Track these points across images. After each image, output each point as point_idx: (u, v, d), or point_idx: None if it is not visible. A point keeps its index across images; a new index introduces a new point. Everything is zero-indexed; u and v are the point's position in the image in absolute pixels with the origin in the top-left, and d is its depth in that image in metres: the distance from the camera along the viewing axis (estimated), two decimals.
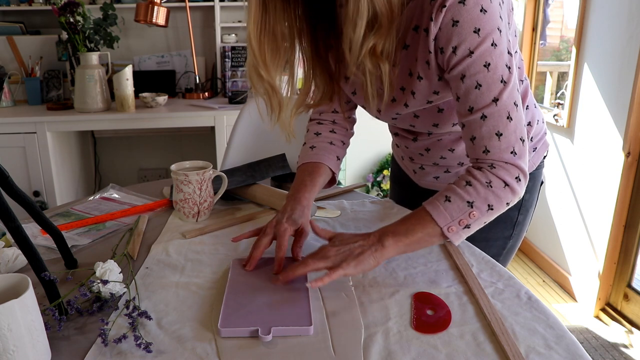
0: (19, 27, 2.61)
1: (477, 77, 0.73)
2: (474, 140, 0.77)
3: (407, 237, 0.75)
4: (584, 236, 2.33)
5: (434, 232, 0.75)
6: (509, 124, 0.74)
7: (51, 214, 1.12)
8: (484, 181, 0.75)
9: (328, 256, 0.75)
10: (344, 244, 0.77)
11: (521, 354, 0.62)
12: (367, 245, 0.76)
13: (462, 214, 0.74)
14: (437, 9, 0.72)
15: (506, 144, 0.75)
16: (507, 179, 0.75)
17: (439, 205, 0.75)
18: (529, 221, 1.10)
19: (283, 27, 0.83)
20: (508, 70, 0.74)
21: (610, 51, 2.11)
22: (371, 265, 0.75)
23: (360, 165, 3.21)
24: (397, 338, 0.66)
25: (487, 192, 0.74)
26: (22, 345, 0.57)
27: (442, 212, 0.75)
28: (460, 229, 0.75)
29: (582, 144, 2.33)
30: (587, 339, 2.11)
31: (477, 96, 0.74)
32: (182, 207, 1.04)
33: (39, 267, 0.68)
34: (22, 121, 2.25)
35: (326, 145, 1.01)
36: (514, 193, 0.76)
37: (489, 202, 0.75)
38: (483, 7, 0.71)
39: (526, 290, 0.77)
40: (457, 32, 0.72)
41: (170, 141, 2.99)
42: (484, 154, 0.76)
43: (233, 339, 0.66)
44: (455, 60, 0.74)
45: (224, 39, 2.72)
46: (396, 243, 0.75)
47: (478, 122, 0.75)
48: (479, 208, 0.74)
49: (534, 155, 1.02)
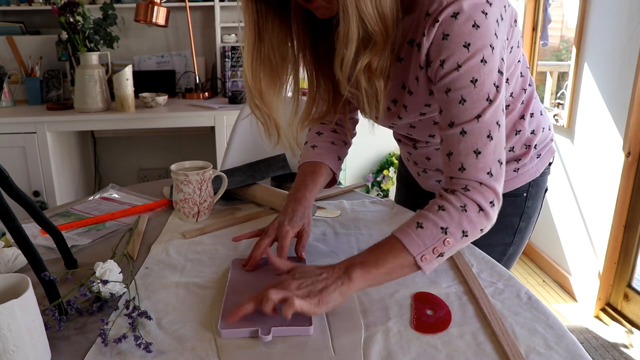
0: (19, 27, 2.61)
1: (462, 92, 0.72)
2: (451, 156, 0.74)
3: (377, 268, 0.69)
4: (584, 236, 2.33)
5: (405, 261, 0.70)
6: (489, 143, 0.72)
7: (51, 214, 1.12)
8: (458, 205, 0.71)
9: (289, 289, 0.67)
10: (307, 277, 0.70)
11: (521, 354, 0.62)
12: (331, 279, 0.68)
13: (436, 241, 0.70)
14: (430, 24, 0.72)
15: (483, 164, 0.72)
16: (481, 202, 0.71)
17: (410, 232, 0.70)
18: (532, 228, 1.08)
19: (282, 51, 0.82)
20: (496, 89, 0.72)
21: (611, 51, 2.11)
22: (337, 301, 0.67)
23: (360, 165, 3.21)
24: (397, 338, 0.66)
25: (462, 216, 0.70)
26: (22, 345, 0.57)
27: (415, 240, 0.70)
28: (434, 257, 0.70)
29: (582, 144, 2.33)
30: (587, 339, 2.11)
31: (459, 111, 0.72)
32: (182, 207, 1.04)
33: (39, 267, 0.68)
34: (22, 121, 2.25)
35: (328, 145, 1.01)
36: (487, 219, 0.72)
37: (464, 228, 0.71)
38: (476, 23, 0.69)
39: (526, 290, 0.77)
40: (447, 45, 0.71)
41: (170, 141, 2.98)
42: (460, 171, 0.73)
43: (233, 339, 0.66)
44: (442, 73, 0.73)
45: (224, 39, 2.72)
46: (364, 275, 0.69)
47: (457, 137, 0.73)
48: (453, 235, 0.70)
49: (537, 162, 1.00)
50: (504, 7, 0.75)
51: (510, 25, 0.80)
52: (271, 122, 0.86)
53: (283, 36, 0.82)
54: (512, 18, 0.81)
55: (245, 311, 0.67)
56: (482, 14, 0.70)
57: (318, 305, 0.66)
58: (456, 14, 0.69)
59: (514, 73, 0.88)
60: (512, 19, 0.80)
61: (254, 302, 0.67)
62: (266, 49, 0.81)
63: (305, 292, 0.67)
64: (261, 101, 0.83)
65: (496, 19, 0.72)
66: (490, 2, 0.71)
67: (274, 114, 0.85)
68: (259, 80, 0.82)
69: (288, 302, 0.64)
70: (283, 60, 0.83)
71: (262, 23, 0.79)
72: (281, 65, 0.83)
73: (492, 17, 0.71)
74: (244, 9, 0.78)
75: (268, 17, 0.79)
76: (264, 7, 0.79)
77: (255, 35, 0.80)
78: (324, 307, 0.66)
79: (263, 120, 0.86)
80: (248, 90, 0.83)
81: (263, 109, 0.84)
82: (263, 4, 0.78)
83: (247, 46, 0.80)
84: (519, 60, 0.88)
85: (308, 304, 0.65)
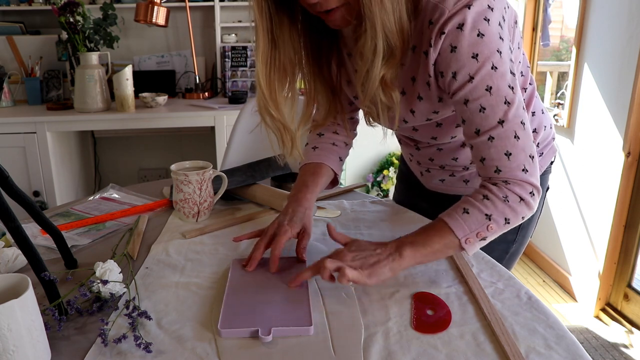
0: (19, 27, 2.61)
1: (480, 101, 0.74)
2: (484, 162, 0.77)
3: (425, 248, 0.74)
4: (584, 236, 2.33)
5: (452, 243, 0.75)
6: (517, 143, 0.75)
7: (51, 214, 1.12)
8: (500, 196, 0.75)
9: (344, 259, 0.73)
10: (361, 250, 0.75)
11: (521, 354, 0.62)
12: (384, 255, 0.74)
13: (480, 226, 0.74)
14: (437, 35, 0.73)
15: (516, 163, 0.75)
16: (522, 194, 0.75)
17: (457, 217, 0.75)
18: (534, 226, 1.09)
19: (292, 57, 0.83)
20: (512, 91, 0.74)
21: (610, 51, 2.10)
22: (386, 275, 0.73)
23: (360, 165, 3.21)
24: (397, 338, 0.66)
25: (504, 206, 0.75)
26: (22, 345, 0.57)
27: (461, 224, 0.74)
28: (477, 240, 0.75)
29: (582, 144, 2.33)
30: (587, 339, 2.11)
31: (482, 119, 0.75)
32: (182, 207, 1.04)
33: (39, 267, 0.68)
34: (22, 121, 2.24)
35: (328, 146, 1.01)
36: (529, 207, 0.76)
37: (506, 216, 0.75)
38: (480, 32, 0.70)
39: (526, 290, 0.77)
40: (456, 58, 0.72)
41: (170, 141, 2.98)
42: (496, 173, 0.76)
43: (233, 339, 0.66)
44: (456, 86, 0.75)
45: (224, 39, 2.72)
46: (414, 253, 0.74)
47: (486, 143, 0.76)
48: (496, 221, 0.75)
49: (539, 160, 1.01)
50: (504, 9, 0.75)
51: (511, 26, 0.80)
52: (286, 132, 0.86)
53: (295, 42, 0.83)
54: (513, 19, 0.81)
55: (306, 277, 0.74)
56: (485, 21, 0.70)
57: (369, 277, 0.71)
58: (461, 25, 0.70)
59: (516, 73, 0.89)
60: (512, 20, 0.81)
61: (312, 271, 0.73)
62: (281, 57, 0.82)
63: (358, 264, 0.72)
64: (277, 110, 0.84)
65: (498, 22, 0.72)
66: (492, 6, 0.71)
67: (287, 122, 0.86)
68: (274, 90, 0.83)
69: (341, 272, 0.69)
70: (293, 67, 0.84)
71: (276, 31, 0.80)
72: (291, 72, 0.84)
73: (494, 22, 0.71)
74: (258, 17, 0.78)
75: (282, 26, 0.80)
76: (277, 15, 0.79)
77: (271, 43, 0.80)
78: (374, 279, 0.72)
79: (277, 129, 0.86)
80: (262, 99, 0.83)
81: (277, 118, 0.84)
82: (276, 12, 0.79)
83: (261, 55, 0.80)
84: (519, 61, 0.88)
85: (359, 275, 0.70)
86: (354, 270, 0.70)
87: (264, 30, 0.79)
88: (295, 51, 0.83)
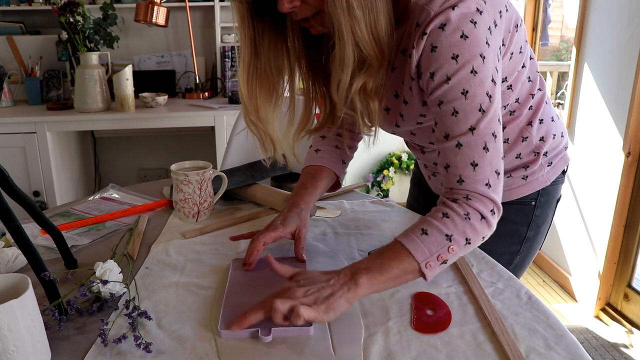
0: (19, 27, 2.61)
1: (454, 104, 0.71)
2: (448, 169, 0.74)
3: (382, 274, 0.69)
4: (584, 236, 2.33)
5: (410, 267, 0.69)
6: (485, 155, 0.71)
7: (51, 214, 1.12)
8: (462, 213, 0.71)
9: (295, 297, 0.66)
10: (312, 283, 0.69)
11: (521, 354, 0.62)
12: (337, 285, 0.68)
13: (441, 248, 0.69)
14: (419, 36, 0.72)
15: (481, 176, 0.72)
16: (483, 211, 0.71)
17: (415, 238, 0.70)
18: (543, 239, 1.06)
19: (278, 64, 0.82)
20: (489, 99, 0.71)
21: (611, 51, 2.11)
22: (344, 307, 0.67)
23: (360, 165, 3.21)
24: (397, 338, 0.66)
25: (465, 224, 0.70)
26: (22, 345, 0.57)
27: (420, 246, 0.69)
28: (438, 264, 0.70)
29: (582, 144, 2.33)
30: (587, 339, 2.11)
31: (453, 123, 0.72)
32: (182, 207, 1.04)
33: (39, 267, 0.68)
34: (22, 121, 2.24)
35: (331, 149, 1.00)
36: (489, 226, 0.72)
37: (467, 236, 0.70)
38: (464, 33, 0.69)
39: (526, 290, 0.77)
40: (435, 57, 0.71)
41: (170, 141, 2.98)
42: (458, 183, 0.73)
43: (233, 339, 0.65)
44: (432, 86, 0.73)
45: (224, 39, 2.72)
46: (370, 280, 0.68)
47: (453, 149, 0.72)
48: (457, 242, 0.70)
49: (548, 171, 0.98)
50: (499, 13, 0.73)
51: (509, 30, 0.78)
52: (267, 138, 0.86)
53: (279, 49, 0.82)
54: (512, 23, 0.79)
55: (253, 320, 0.65)
56: (470, 23, 0.69)
57: (326, 313, 0.65)
58: (443, 25, 0.69)
59: (518, 78, 0.86)
60: (511, 24, 0.79)
61: (262, 310, 0.66)
62: (262, 65, 0.81)
63: (312, 300, 0.66)
64: (257, 117, 0.83)
65: (488, 26, 0.70)
66: (481, 10, 0.69)
67: (269, 129, 0.85)
68: (254, 97, 0.82)
69: (295, 312, 0.63)
70: (279, 73, 0.83)
71: (258, 39, 0.79)
72: (277, 78, 0.83)
73: (482, 26, 0.69)
74: (240, 26, 0.78)
75: (264, 33, 0.80)
76: (260, 24, 0.79)
77: (252, 51, 0.80)
78: (332, 314, 0.65)
79: (259, 135, 0.86)
80: (244, 107, 0.83)
81: (258, 125, 0.84)
82: (259, 20, 0.78)
83: (243, 63, 0.80)
84: (523, 66, 0.86)
85: (315, 312, 0.64)
86: (309, 307, 0.64)
87: (245, 37, 0.79)
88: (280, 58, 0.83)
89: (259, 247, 0.84)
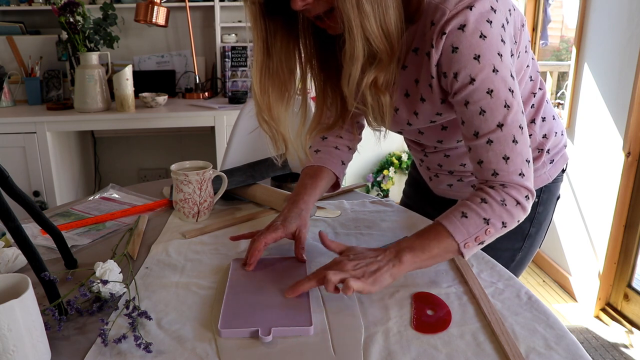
0: (19, 27, 2.61)
1: (480, 104, 0.74)
2: (482, 164, 0.77)
3: (424, 253, 0.74)
4: (584, 236, 2.33)
5: (450, 247, 0.74)
6: (515, 147, 0.75)
7: (51, 214, 1.12)
8: (498, 199, 0.75)
9: (345, 270, 0.72)
10: (361, 258, 0.74)
11: (521, 354, 0.62)
12: (384, 261, 0.73)
13: (479, 230, 0.74)
14: (438, 36, 0.73)
15: (514, 167, 0.75)
16: (519, 198, 0.76)
17: (455, 221, 0.75)
18: (543, 235, 1.08)
19: (290, 65, 0.84)
20: (511, 94, 0.74)
21: (611, 51, 2.11)
22: (388, 282, 0.72)
23: (360, 165, 3.21)
24: (397, 338, 0.66)
25: (502, 209, 0.75)
26: (22, 345, 0.57)
27: (459, 228, 0.74)
28: (475, 245, 0.75)
29: (582, 144, 2.33)
30: (587, 339, 2.11)
31: (481, 122, 0.75)
32: (182, 207, 1.04)
33: (39, 267, 0.68)
34: (22, 121, 2.24)
35: (331, 150, 1.01)
36: (524, 211, 0.77)
37: (504, 220, 0.75)
38: (483, 33, 0.70)
39: (526, 290, 0.77)
40: (457, 59, 0.72)
41: (170, 141, 2.98)
42: (493, 176, 0.76)
43: (233, 339, 0.66)
44: (457, 87, 0.75)
45: (224, 39, 2.72)
46: (413, 258, 0.74)
47: (484, 146, 0.76)
48: (494, 225, 0.75)
49: (550, 168, 1.01)
50: (509, 11, 0.75)
51: (517, 29, 0.80)
52: (279, 136, 0.87)
53: (291, 50, 0.84)
54: (520, 22, 0.81)
55: (306, 288, 0.73)
56: (487, 23, 0.70)
57: (373, 285, 0.71)
58: (463, 26, 0.70)
59: (523, 77, 0.88)
60: (518, 22, 0.80)
61: (315, 280, 0.72)
62: (274, 65, 0.83)
63: (360, 273, 0.71)
64: (269, 116, 0.85)
65: (501, 24, 0.72)
66: (495, 8, 0.71)
67: (281, 128, 0.87)
68: (267, 96, 0.84)
69: (345, 283, 0.69)
70: (291, 73, 0.85)
71: (270, 40, 0.81)
72: (289, 78, 0.85)
73: (497, 24, 0.71)
74: (253, 26, 0.79)
75: (276, 33, 0.81)
76: (272, 24, 0.80)
77: (264, 52, 0.81)
78: (377, 287, 0.72)
79: (271, 134, 0.88)
80: (257, 105, 0.85)
81: (271, 124, 0.86)
82: (271, 20, 0.80)
83: (255, 63, 0.82)
84: (527, 65, 0.88)
85: (363, 284, 0.70)
86: (358, 280, 0.70)
87: (258, 38, 0.80)
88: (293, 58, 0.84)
89: (260, 247, 0.84)
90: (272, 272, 0.82)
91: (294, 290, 0.73)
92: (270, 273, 0.81)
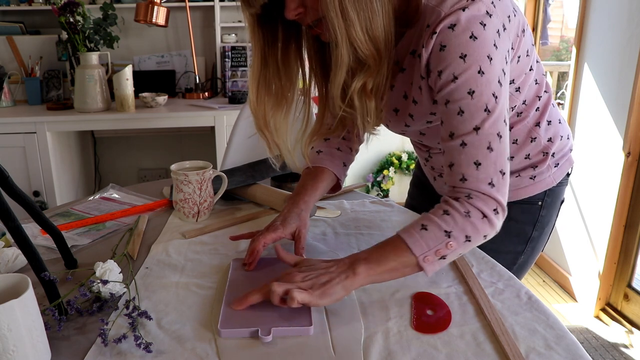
0: (19, 27, 2.61)
1: (460, 103, 0.72)
2: (452, 167, 0.74)
3: (380, 266, 0.71)
4: (584, 236, 2.33)
5: (408, 261, 0.71)
6: (489, 155, 0.72)
7: (51, 214, 1.12)
8: (462, 211, 0.71)
9: (294, 281, 0.70)
10: (312, 270, 0.72)
11: (521, 354, 0.62)
12: (336, 272, 0.70)
13: (439, 243, 0.70)
14: (429, 36, 0.73)
15: (484, 174, 0.72)
16: (485, 210, 0.71)
17: (414, 233, 0.71)
18: (546, 240, 1.07)
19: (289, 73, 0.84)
20: (494, 100, 0.71)
21: (611, 51, 2.11)
22: (340, 294, 0.69)
23: (360, 165, 3.21)
24: (397, 338, 0.66)
25: (465, 222, 0.71)
26: (22, 345, 0.57)
27: (418, 241, 0.70)
28: (436, 259, 0.71)
29: (582, 144, 2.33)
30: (587, 339, 2.11)
31: (458, 122, 0.73)
32: (182, 207, 1.04)
33: (39, 267, 0.68)
34: (22, 121, 2.24)
35: (332, 151, 1.01)
36: (491, 225, 0.73)
37: (467, 233, 0.71)
38: (474, 34, 0.70)
39: (526, 290, 0.77)
40: (444, 56, 0.72)
41: (170, 141, 2.98)
42: (461, 182, 0.73)
43: (233, 339, 0.66)
44: (440, 84, 0.74)
45: (224, 39, 2.72)
46: (368, 271, 0.70)
47: (457, 148, 0.73)
48: (456, 238, 0.71)
49: (555, 171, 1.00)
50: (508, 18, 0.75)
51: (517, 35, 0.79)
52: (275, 147, 0.88)
53: (291, 57, 0.84)
54: (520, 28, 0.80)
55: (252, 301, 0.70)
56: (480, 25, 0.70)
57: (321, 298, 0.68)
58: (453, 26, 0.70)
59: (526, 81, 0.87)
60: (518, 29, 0.80)
61: (260, 293, 0.70)
62: (271, 74, 0.83)
63: (309, 284, 0.69)
64: (265, 126, 0.86)
65: (496, 29, 0.72)
66: (490, 13, 0.71)
67: (276, 138, 0.87)
68: (262, 106, 0.84)
69: (290, 295, 0.66)
70: (290, 81, 0.85)
71: (267, 49, 0.81)
72: (288, 86, 0.85)
73: (491, 29, 0.71)
74: (251, 36, 0.80)
75: (276, 42, 0.81)
76: (270, 33, 0.80)
77: (262, 61, 0.82)
78: (326, 300, 0.68)
79: (267, 142, 0.89)
80: (252, 115, 0.85)
81: (266, 134, 0.87)
82: (269, 29, 0.80)
83: (252, 73, 0.82)
84: (530, 69, 0.87)
85: (310, 296, 0.67)
86: (304, 292, 0.67)
87: (256, 47, 0.81)
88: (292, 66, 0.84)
89: (259, 247, 0.84)
90: (272, 272, 0.82)
91: (241, 302, 0.70)
92: (270, 273, 0.81)
